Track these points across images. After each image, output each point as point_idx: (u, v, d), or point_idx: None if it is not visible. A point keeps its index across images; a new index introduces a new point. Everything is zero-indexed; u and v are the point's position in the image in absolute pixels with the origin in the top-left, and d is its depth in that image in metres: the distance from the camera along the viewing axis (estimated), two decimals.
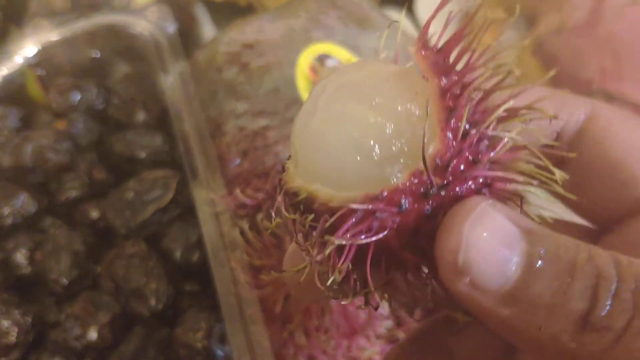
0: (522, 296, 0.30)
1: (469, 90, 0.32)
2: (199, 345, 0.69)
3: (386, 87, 0.34)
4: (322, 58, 0.89)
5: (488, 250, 0.30)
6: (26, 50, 0.95)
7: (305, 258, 0.34)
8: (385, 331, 0.73)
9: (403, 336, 0.72)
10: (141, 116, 0.92)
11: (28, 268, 0.78)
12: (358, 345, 0.70)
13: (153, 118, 0.92)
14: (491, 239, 0.30)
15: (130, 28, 0.96)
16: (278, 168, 0.38)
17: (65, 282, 0.75)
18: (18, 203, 0.81)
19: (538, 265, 0.30)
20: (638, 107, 0.84)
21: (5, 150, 0.86)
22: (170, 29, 0.97)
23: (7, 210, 0.80)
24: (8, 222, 0.80)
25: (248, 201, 0.76)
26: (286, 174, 0.37)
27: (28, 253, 0.78)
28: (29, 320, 0.73)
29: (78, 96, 0.94)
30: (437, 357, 0.44)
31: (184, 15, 1.11)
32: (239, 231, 0.73)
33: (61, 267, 0.75)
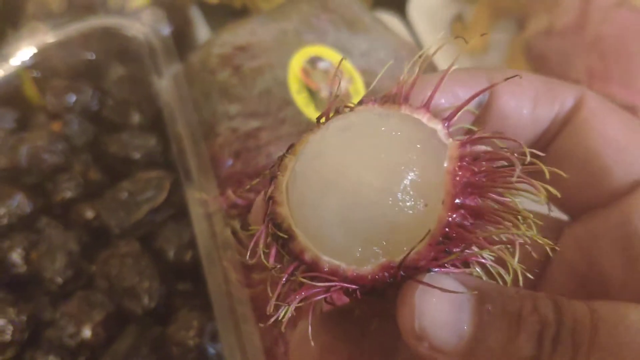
0: (477, 351, 0.32)
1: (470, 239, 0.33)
2: (191, 343, 0.70)
3: (386, 153, 0.34)
4: (314, 60, 0.90)
5: (439, 314, 0.32)
6: (22, 52, 0.96)
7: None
8: None
9: None
10: (135, 118, 0.93)
11: (23, 267, 0.79)
12: None
13: (147, 119, 0.94)
14: (441, 303, 0.32)
15: (125, 30, 0.97)
16: (273, 171, 0.39)
17: (60, 281, 0.76)
18: (14, 203, 0.82)
19: (487, 321, 0.32)
20: (624, 108, 0.85)
21: (1, 151, 0.87)
22: (164, 32, 0.98)
23: (3, 210, 0.81)
24: (4, 222, 0.81)
25: (240, 201, 0.77)
26: (278, 191, 0.37)
27: (23, 252, 0.79)
28: (24, 318, 0.74)
29: (73, 98, 0.95)
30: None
31: (179, 17, 1.12)
32: (231, 231, 0.75)
33: (56, 267, 0.76)
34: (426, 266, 0.33)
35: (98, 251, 0.80)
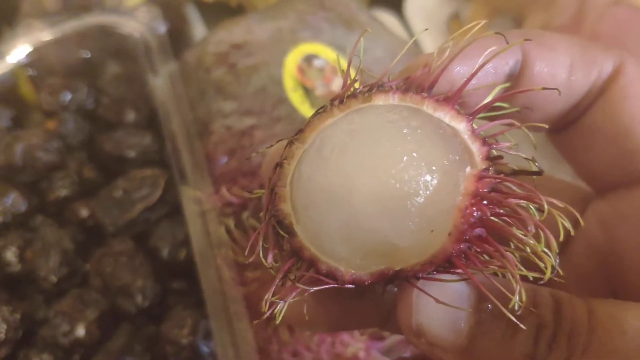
0: (474, 349, 0.32)
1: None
2: (185, 341, 0.70)
3: (397, 169, 0.33)
4: (310, 58, 0.90)
5: (437, 312, 0.33)
6: (18, 50, 0.96)
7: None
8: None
9: (387, 333, 0.73)
10: (131, 116, 0.93)
11: (18, 266, 0.79)
12: (342, 341, 0.71)
13: (142, 117, 0.94)
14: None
15: (120, 29, 0.97)
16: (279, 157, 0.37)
17: (54, 280, 0.76)
18: (8, 202, 0.82)
19: (485, 320, 0.32)
20: None
21: None
22: (160, 30, 0.98)
23: None
24: None
25: (234, 200, 0.77)
26: (281, 182, 0.35)
27: (18, 251, 0.79)
28: (18, 317, 0.74)
29: (68, 96, 0.95)
30: None
31: (175, 15, 1.12)
32: (225, 229, 0.75)
33: (50, 265, 0.76)
34: (423, 277, 0.33)
35: (92, 249, 0.79)
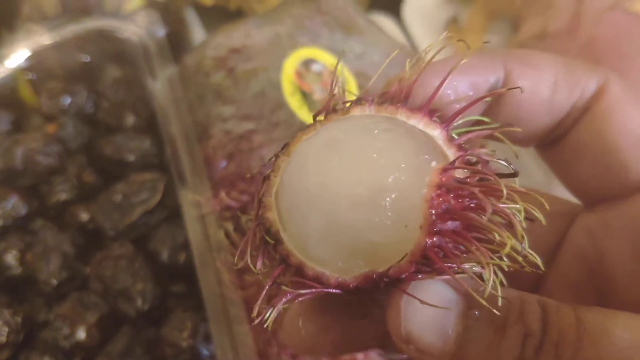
0: (462, 356, 0.33)
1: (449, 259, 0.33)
2: (185, 344, 0.71)
3: (370, 171, 0.34)
4: (308, 63, 0.91)
5: (425, 318, 0.33)
6: (17, 54, 0.97)
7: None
8: None
9: None
10: (130, 120, 0.94)
11: (18, 269, 0.79)
12: None
13: (142, 121, 0.94)
14: (426, 308, 0.32)
15: (119, 33, 0.98)
16: (263, 171, 0.39)
17: (54, 283, 0.77)
18: (8, 205, 0.83)
19: (472, 326, 0.33)
20: None
21: None
22: (159, 34, 0.99)
23: None
24: None
25: (233, 203, 0.77)
26: (267, 192, 0.37)
27: (19, 254, 0.80)
28: (19, 320, 0.74)
29: (68, 100, 0.95)
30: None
31: (174, 19, 1.13)
32: (224, 233, 0.75)
33: (51, 268, 0.77)
34: (409, 279, 0.33)
35: (92, 253, 0.80)
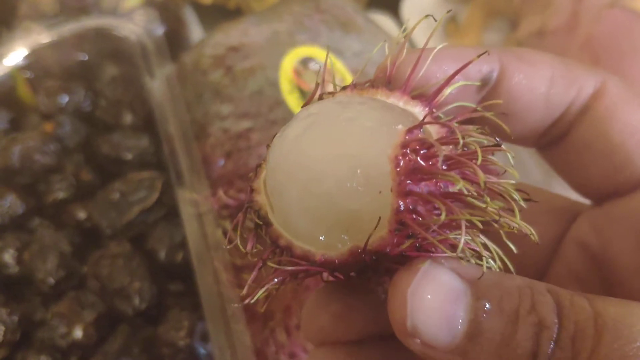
0: (471, 349, 0.31)
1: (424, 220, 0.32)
2: (182, 343, 0.71)
3: (342, 143, 0.34)
4: (306, 61, 0.90)
5: (433, 311, 0.31)
6: (15, 53, 0.97)
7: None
8: None
9: None
10: (128, 118, 0.93)
11: (16, 268, 0.79)
12: None
13: (140, 120, 0.94)
14: (435, 300, 0.31)
15: (117, 31, 0.97)
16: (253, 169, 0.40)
17: (52, 282, 0.76)
18: (6, 204, 0.82)
19: (483, 318, 0.31)
20: None
21: None
22: (157, 32, 0.99)
23: None
24: None
25: (231, 202, 0.77)
26: (257, 182, 0.38)
27: (16, 253, 0.79)
28: (16, 319, 0.74)
29: (66, 98, 0.95)
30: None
31: (173, 18, 1.13)
32: (222, 231, 0.75)
33: (48, 267, 0.77)
34: (392, 252, 0.33)
35: (90, 252, 0.80)
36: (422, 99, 0.37)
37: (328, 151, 0.34)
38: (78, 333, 0.72)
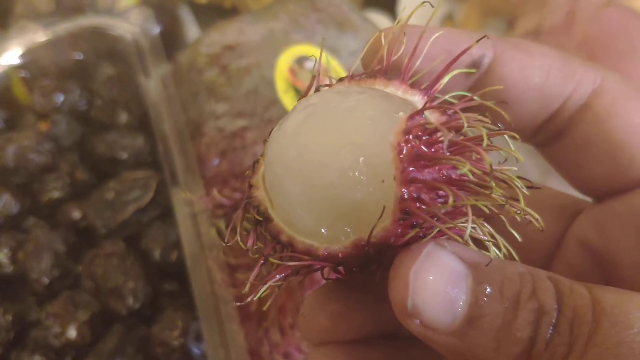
0: (471, 332, 0.31)
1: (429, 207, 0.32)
2: (176, 343, 0.70)
3: (342, 133, 0.34)
4: (301, 60, 0.90)
5: (434, 292, 0.31)
6: (11, 52, 0.96)
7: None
8: None
9: None
10: (123, 117, 0.93)
11: (10, 267, 0.79)
12: None
13: (135, 119, 0.94)
14: (437, 281, 0.31)
15: (113, 30, 0.97)
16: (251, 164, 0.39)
17: (46, 281, 0.76)
18: (0, 203, 0.82)
19: (484, 302, 0.31)
20: None
21: None
22: (153, 31, 0.98)
23: None
24: None
25: (225, 201, 0.77)
26: (255, 177, 0.37)
27: (10, 252, 0.79)
28: (10, 318, 0.74)
29: (61, 98, 0.95)
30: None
31: (169, 17, 1.12)
32: (216, 231, 0.75)
33: (42, 267, 0.76)
34: (396, 243, 0.32)
35: (84, 251, 0.79)
36: (420, 88, 0.37)
37: (329, 141, 0.33)
38: (72, 333, 0.72)
